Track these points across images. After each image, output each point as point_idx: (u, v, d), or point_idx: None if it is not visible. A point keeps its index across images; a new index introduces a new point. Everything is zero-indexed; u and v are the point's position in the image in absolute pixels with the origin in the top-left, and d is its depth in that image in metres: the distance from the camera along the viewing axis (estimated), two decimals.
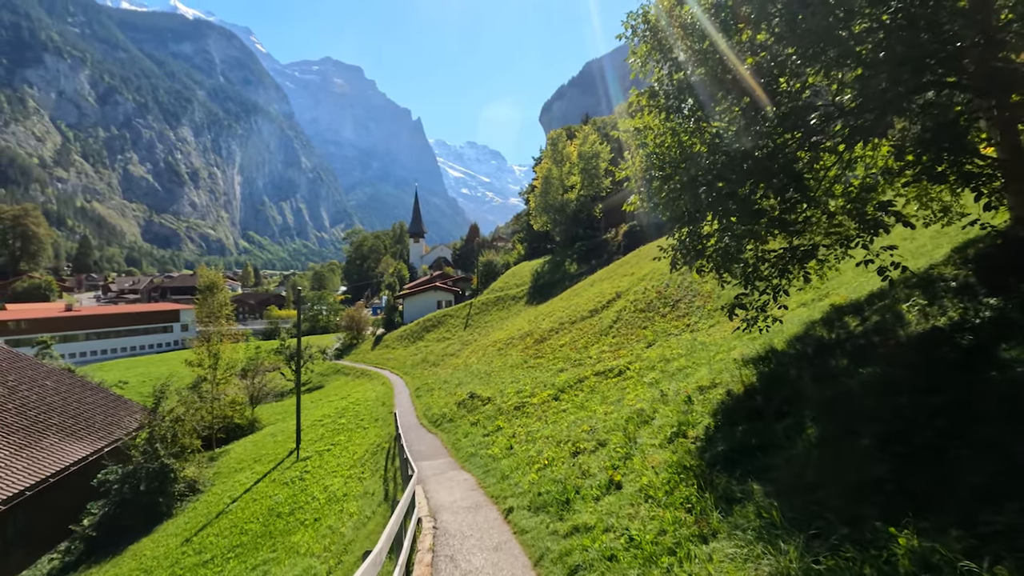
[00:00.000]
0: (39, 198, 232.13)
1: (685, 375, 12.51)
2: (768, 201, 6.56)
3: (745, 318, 7.81)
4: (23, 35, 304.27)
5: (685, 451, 6.11)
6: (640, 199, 9.36)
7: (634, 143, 9.02)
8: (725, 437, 5.82)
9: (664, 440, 6.96)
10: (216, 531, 15.01)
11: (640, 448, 7.10)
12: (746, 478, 4.72)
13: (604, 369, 17.68)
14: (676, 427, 7.06)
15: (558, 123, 64.37)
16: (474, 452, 12.44)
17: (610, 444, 7.99)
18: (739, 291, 7.85)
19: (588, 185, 53.17)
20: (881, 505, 3.44)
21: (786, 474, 4.44)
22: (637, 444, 7.33)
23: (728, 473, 4.99)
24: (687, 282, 24.14)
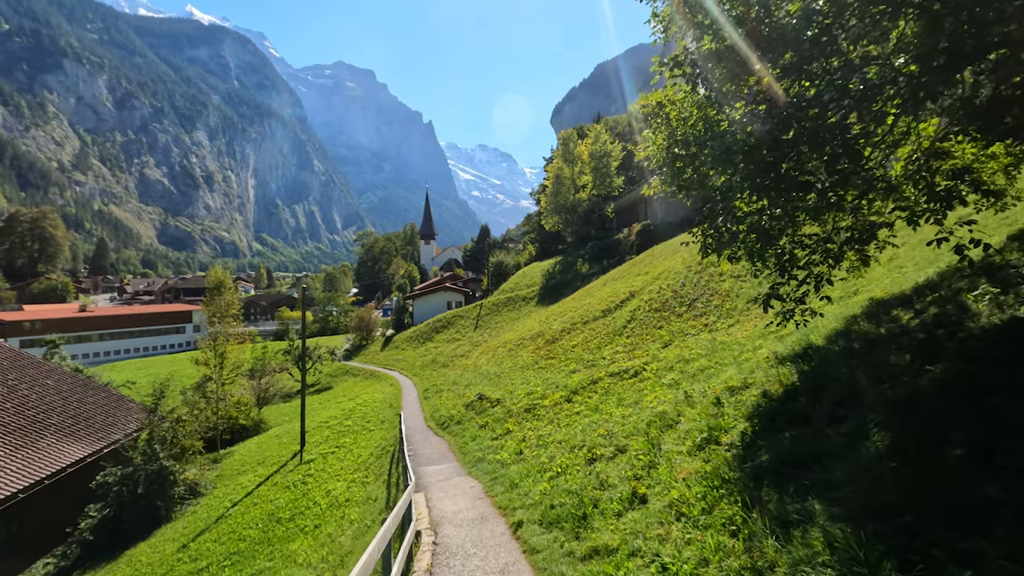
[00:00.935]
0: (58, 201, 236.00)
1: (708, 376, 11.69)
2: (807, 177, 5.73)
3: (781, 311, 6.97)
4: (43, 42, 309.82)
5: (721, 460, 5.32)
6: (661, 182, 8.57)
7: (655, 121, 8.23)
8: (769, 445, 5.02)
9: (693, 447, 6.16)
10: (214, 537, 14.42)
11: (665, 456, 6.31)
12: (803, 495, 3.92)
13: (619, 370, 16.92)
14: (706, 432, 6.26)
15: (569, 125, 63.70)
16: (482, 457, 11.69)
17: (630, 451, 7.20)
18: (774, 281, 7.01)
19: (600, 185, 52.32)
20: (1002, 538, 2.65)
21: (855, 492, 3.64)
22: (662, 451, 6.53)
23: (779, 488, 4.20)
24: (704, 280, 23.35)
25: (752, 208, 6.06)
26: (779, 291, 6.82)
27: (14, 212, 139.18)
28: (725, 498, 4.42)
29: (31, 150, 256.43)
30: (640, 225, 44.81)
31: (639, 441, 7.28)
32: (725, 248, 6.98)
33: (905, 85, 4.94)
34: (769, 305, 6.74)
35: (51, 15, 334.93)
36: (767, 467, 4.62)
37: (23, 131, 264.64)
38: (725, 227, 6.40)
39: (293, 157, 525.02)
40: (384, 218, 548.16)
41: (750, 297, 20.10)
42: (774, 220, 5.90)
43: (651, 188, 9.58)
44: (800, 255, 6.96)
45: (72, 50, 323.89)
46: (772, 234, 5.96)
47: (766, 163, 5.40)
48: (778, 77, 5.25)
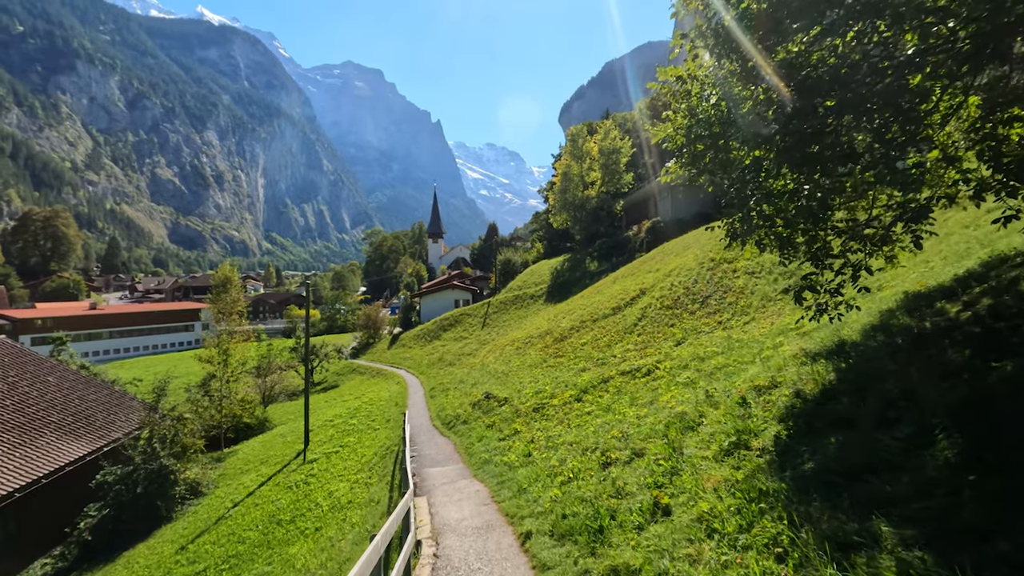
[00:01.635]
0: (71, 201, 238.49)
1: (727, 374, 11.10)
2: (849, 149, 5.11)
3: (815, 304, 6.35)
4: (57, 43, 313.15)
5: (754, 468, 4.75)
6: (679, 165, 7.97)
7: (674, 99, 7.63)
8: (811, 451, 4.44)
9: (720, 452, 5.59)
10: (213, 538, 14.02)
11: (689, 461, 5.74)
12: (863, 512, 3.36)
13: (630, 368, 16.36)
14: (734, 436, 5.68)
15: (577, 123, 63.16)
16: (488, 458, 11.15)
17: (648, 455, 6.63)
18: (807, 271, 6.41)
19: (609, 181, 51.60)
20: None
21: (928, 510, 3.07)
22: (684, 456, 5.96)
23: (830, 503, 3.63)
24: (717, 277, 22.77)
25: (787, 187, 5.44)
26: (813, 281, 6.22)
27: (27, 211, 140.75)
28: (767, 514, 3.85)
29: (45, 150, 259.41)
30: (650, 222, 44.14)
31: (658, 444, 6.72)
32: (753, 233, 6.38)
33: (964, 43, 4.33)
34: (802, 297, 6.14)
35: (64, 17, 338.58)
36: (812, 477, 4.04)
37: (37, 131, 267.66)
38: (756, 209, 5.79)
39: (302, 156, 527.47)
40: (392, 217, 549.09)
41: (765, 294, 19.47)
42: (815, 198, 5.28)
43: (668, 173, 8.98)
44: (835, 244, 6.35)
45: (85, 51, 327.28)
46: (816, 213, 5.33)
47: (804, 135, 4.81)
48: (818, 38, 4.66)
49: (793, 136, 4.81)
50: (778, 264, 20.75)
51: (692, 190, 44.09)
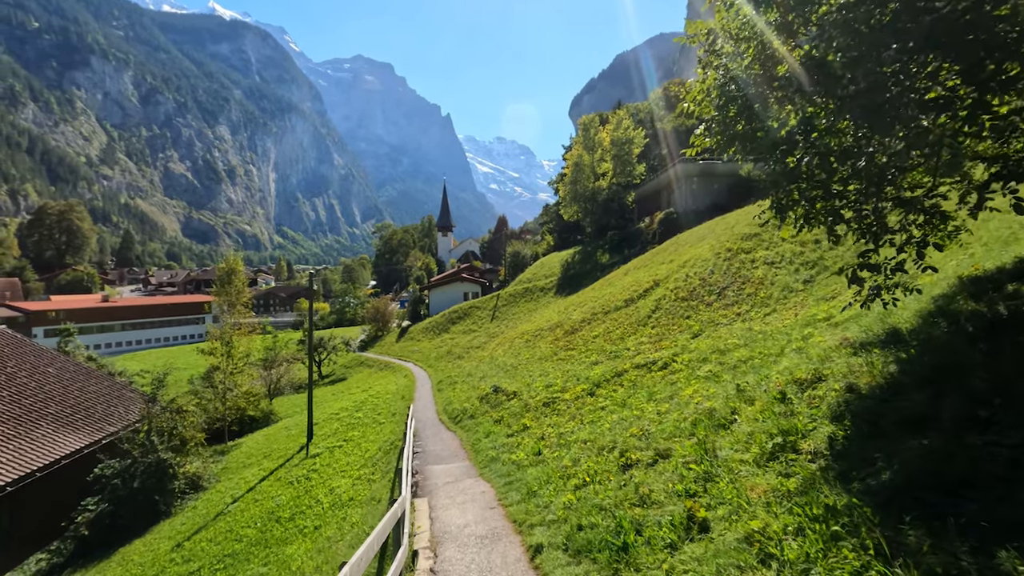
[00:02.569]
0: (86, 195, 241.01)
1: (752, 367, 10.30)
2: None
3: (869, 286, 5.50)
4: (71, 39, 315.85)
5: (809, 477, 3.97)
6: (709, 133, 7.12)
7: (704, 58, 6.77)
8: (886, 458, 3.64)
9: (761, 455, 4.81)
10: (211, 536, 13.49)
11: (725, 465, 4.97)
12: (979, 542, 2.58)
13: (645, 362, 15.60)
14: (778, 437, 4.90)
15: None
16: (495, 456, 10.43)
17: (675, 456, 5.86)
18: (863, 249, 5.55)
19: (621, 172, 50.46)
20: None
21: None
22: (718, 458, 5.19)
23: (928, 528, 2.85)
24: (734, 268, 21.96)
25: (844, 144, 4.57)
26: (870, 260, 5.35)
27: (43, 205, 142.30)
28: (843, 540, 3.06)
29: (60, 145, 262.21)
30: (663, 213, 43.16)
31: (686, 445, 5.95)
32: (798, 206, 5.54)
33: None
34: (858, 279, 5.30)
35: (79, 12, 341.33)
36: (894, 492, 3.26)
37: (52, 127, 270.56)
38: (806, 174, 4.94)
39: (313, 151, 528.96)
40: (403, 211, 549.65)
41: (786, 285, 18.65)
42: (894, 155, 4.40)
43: (696, 142, 8.09)
44: (892, 218, 5.49)
45: (99, 47, 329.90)
46: (882, 175, 4.47)
47: (879, 79, 3.96)
48: None
49: (868, 81, 3.94)
50: (814, 246, 19.81)
51: (706, 180, 43.06)
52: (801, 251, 20.40)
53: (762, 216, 6.81)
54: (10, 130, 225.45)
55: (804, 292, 17.24)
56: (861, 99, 4.04)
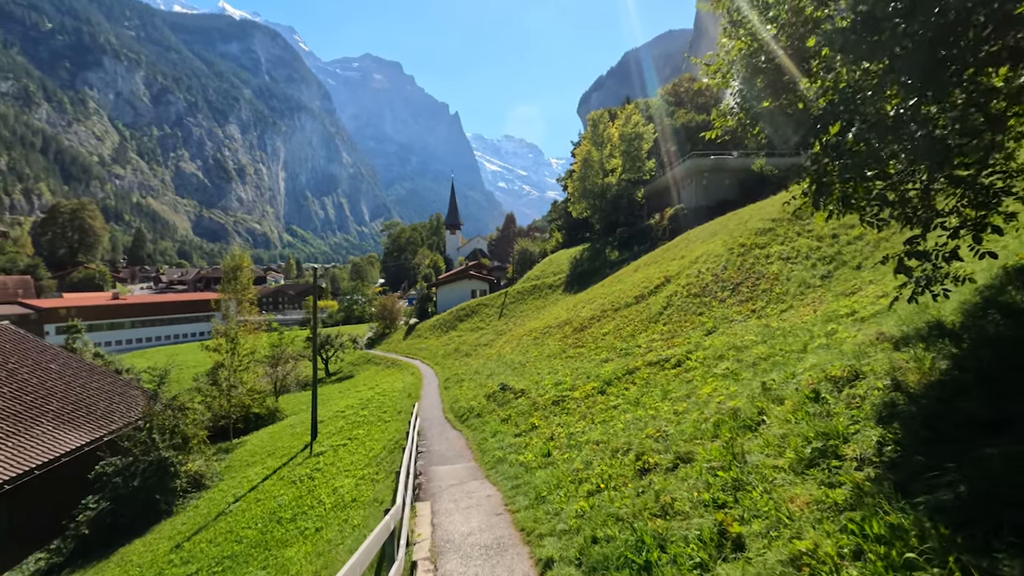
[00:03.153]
0: (99, 194, 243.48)
1: (773, 365, 9.78)
2: None
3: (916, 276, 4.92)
4: (84, 40, 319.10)
5: (858, 488, 3.46)
6: (732, 110, 6.58)
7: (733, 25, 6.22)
8: (957, 468, 3.11)
9: (798, 461, 4.30)
10: (210, 536, 13.15)
11: (757, 472, 4.46)
12: None
13: (657, 359, 15.09)
14: (816, 441, 4.38)
15: None
16: (502, 457, 9.96)
17: (698, 461, 5.36)
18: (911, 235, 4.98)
19: (630, 168, 49.74)
20: None
21: None
22: (748, 464, 4.68)
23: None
24: (748, 263, 21.41)
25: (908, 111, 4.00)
26: (917, 247, 4.78)
27: (55, 204, 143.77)
28: (920, 569, 2.55)
29: (74, 144, 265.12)
30: (673, 210, 42.54)
31: (710, 448, 5.44)
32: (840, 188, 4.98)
33: None
34: (906, 268, 4.74)
35: (91, 13, 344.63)
36: (969, 507, 2.74)
37: (66, 126, 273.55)
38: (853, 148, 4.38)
39: (322, 150, 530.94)
40: (411, 209, 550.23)
41: (803, 280, 18.07)
42: (949, 124, 3.82)
43: (718, 124, 7.52)
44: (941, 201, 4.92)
45: (111, 47, 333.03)
46: (945, 145, 3.90)
47: (942, 29, 3.41)
48: None
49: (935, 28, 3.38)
50: (831, 241, 19.19)
51: (718, 175, 42.35)
52: (818, 246, 19.83)
53: (792, 202, 6.27)
54: (24, 130, 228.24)
55: (822, 288, 16.70)
56: (918, 54, 3.51)
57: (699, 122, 57.53)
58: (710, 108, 62.89)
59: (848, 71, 4.27)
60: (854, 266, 17.27)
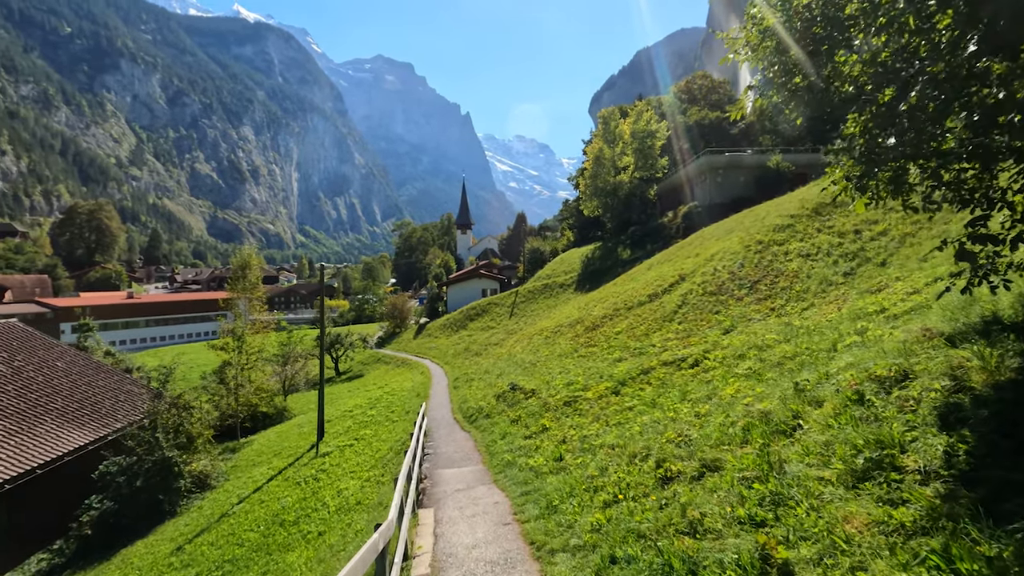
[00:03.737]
0: (116, 195, 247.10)
1: (800, 364, 9.21)
2: None
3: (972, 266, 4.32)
4: (102, 43, 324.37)
5: (931, 507, 2.91)
6: (766, 88, 6.01)
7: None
8: None
9: (848, 473, 3.74)
10: (212, 539, 12.82)
11: (799, 484, 3.90)
12: None
13: (673, 359, 14.54)
14: (868, 450, 3.83)
15: None
16: (512, 460, 9.46)
17: (727, 470, 4.81)
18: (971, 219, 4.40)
19: (642, 166, 48.99)
20: None
21: None
22: (787, 474, 4.12)
23: None
24: (766, 261, 20.78)
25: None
26: (979, 231, 4.18)
27: (73, 205, 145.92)
28: None
29: (92, 147, 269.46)
30: (686, 207, 41.74)
31: (740, 455, 4.89)
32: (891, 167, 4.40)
33: None
34: (968, 254, 4.16)
35: (109, 17, 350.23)
36: None
37: (84, 129, 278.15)
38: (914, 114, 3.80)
39: (334, 150, 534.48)
40: (422, 209, 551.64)
41: (824, 277, 17.42)
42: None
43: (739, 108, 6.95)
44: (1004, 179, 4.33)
45: (128, 50, 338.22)
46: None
47: None
48: None
49: None
50: (854, 237, 18.47)
51: (733, 172, 41.50)
52: (839, 242, 19.18)
53: (830, 188, 5.68)
54: (44, 132, 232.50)
55: (845, 285, 16.06)
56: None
57: (712, 119, 56.60)
58: (724, 105, 61.96)
59: (913, 26, 3.68)
60: (878, 263, 16.62)
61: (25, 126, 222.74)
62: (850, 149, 4.95)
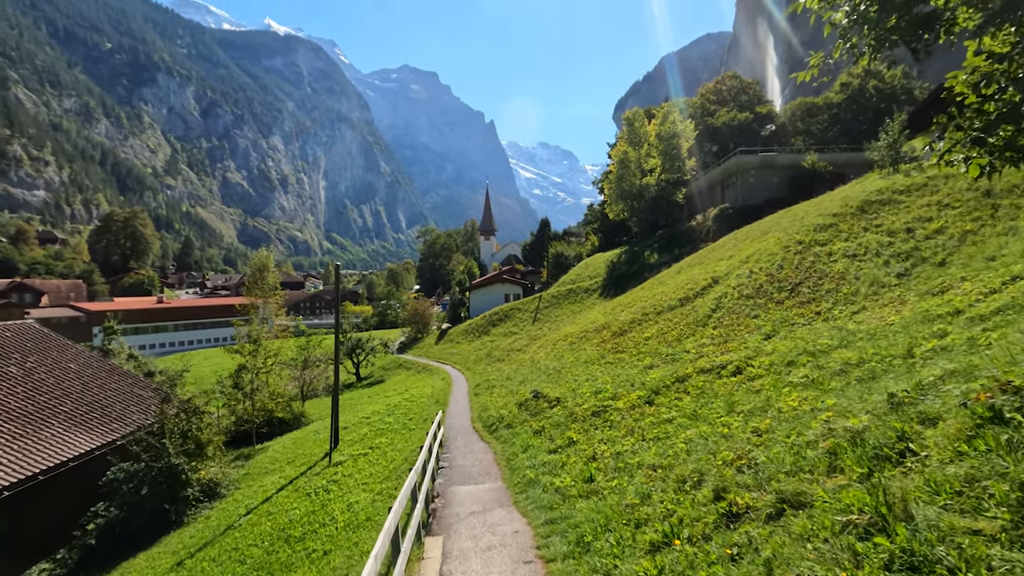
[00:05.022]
0: (152, 204, 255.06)
1: (871, 372, 8.06)
2: None
3: None
4: (140, 58, 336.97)
5: None
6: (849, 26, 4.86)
7: None
8: None
9: (1016, 525, 2.59)
10: (215, 554, 12.02)
11: (947, 541, 2.72)
12: None
13: (711, 366, 13.33)
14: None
15: None
16: (535, 478, 8.38)
17: (818, 507, 3.62)
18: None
19: (669, 168, 47.53)
20: None
21: None
22: (917, 522, 2.95)
23: None
24: (808, 262, 19.48)
25: None
26: None
27: (109, 212, 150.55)
28: None
29: (129, 157, 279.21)
30: (717, 209, 40.16)
31: (837, 489, 3.72)
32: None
33: None
34: None
35: (147, 33, 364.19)
36: None
37: (122, 140, 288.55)
38: None
39: (361, 159, 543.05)
40: (447, 216, 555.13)
41: (875, 279, 16.03)
42: None
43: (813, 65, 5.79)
44: None
45: (165, 64, 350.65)
46: None
47: None
48: None
49: None
50: (905, 235, 17.04)
51: (765, 173, 39.77)
52: (890, 241, 17.75)
53: (933, 147, 4.53)
54: (85, 144, 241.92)
55: (900, 287, 14.67)
56: None
57: (742, 120, 54.81)
58: (754, 105, 59.91)
59: None
60: (936, 262, 15.20)
61: (68, 138, 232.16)
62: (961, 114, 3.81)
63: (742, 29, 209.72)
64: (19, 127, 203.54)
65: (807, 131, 53.35)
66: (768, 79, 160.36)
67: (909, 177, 21.79)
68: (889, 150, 25.11)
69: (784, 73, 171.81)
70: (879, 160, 25.48)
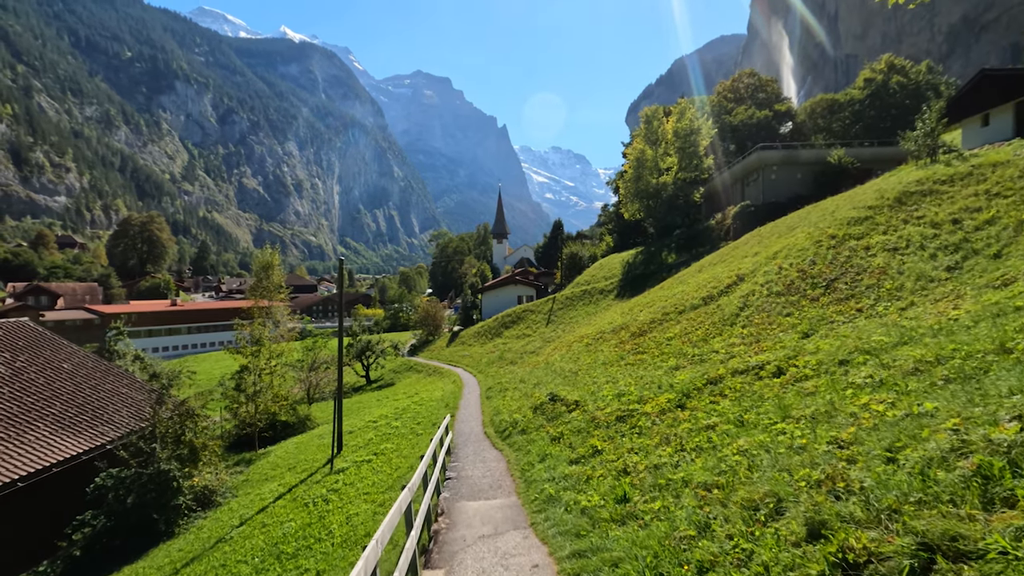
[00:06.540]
0: (169, 209, 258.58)
1: (960, 372, 6.80)
2: None
3: None
4: (159, 66, 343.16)
5: None
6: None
7: None
8: None
9: None
10: (202, 570, 10.98)
11: None
12: None
13: (746, 367, 12.07)
14: None
15: None
16: (554, 495, 7.18)
17: (997, 567, 2.44)
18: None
19: (686, 167, 46.11)
20: None
21: None
22: None
23: None
24: (843, 257, 18.23)
25: None
26: None
27: (127, 217, 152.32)
28: None
29: (148, 163, 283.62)
30: (737, 207, 38.64)
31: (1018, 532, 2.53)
32: None
33: None
34: None
35: (166, 41, 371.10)
36: None
37: (141, 147, 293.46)
38: None
39: (374, 164, 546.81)
40: (459, 221, 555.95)
41: (922, 273, 14.70)
42: None
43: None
44: None
45: (183, 72, 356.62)
46: None
47: None
48: None
49: None
50: (952, 227, 15.72)
51: (788, 169, 38.22)
52: (935, 234, 16.34)
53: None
54: (105, 151, 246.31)
55: (952, 280, 13.34)
56: None
57: (761, 118, 53.26)
58: (772, 103, 58.15)
59: None
60: (990, 254, 13.82)
61: (88, 145, 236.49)
62: None
63: (756, 31, 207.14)
64: (42, 134, 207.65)
65: (828, 128, 51.66)
66: (784, 80, 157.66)
67: (950, 167, 20.34)
68: (927, 139, 23.79)
69: (800, 74, 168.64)
70: (915, 151, 24.19)
